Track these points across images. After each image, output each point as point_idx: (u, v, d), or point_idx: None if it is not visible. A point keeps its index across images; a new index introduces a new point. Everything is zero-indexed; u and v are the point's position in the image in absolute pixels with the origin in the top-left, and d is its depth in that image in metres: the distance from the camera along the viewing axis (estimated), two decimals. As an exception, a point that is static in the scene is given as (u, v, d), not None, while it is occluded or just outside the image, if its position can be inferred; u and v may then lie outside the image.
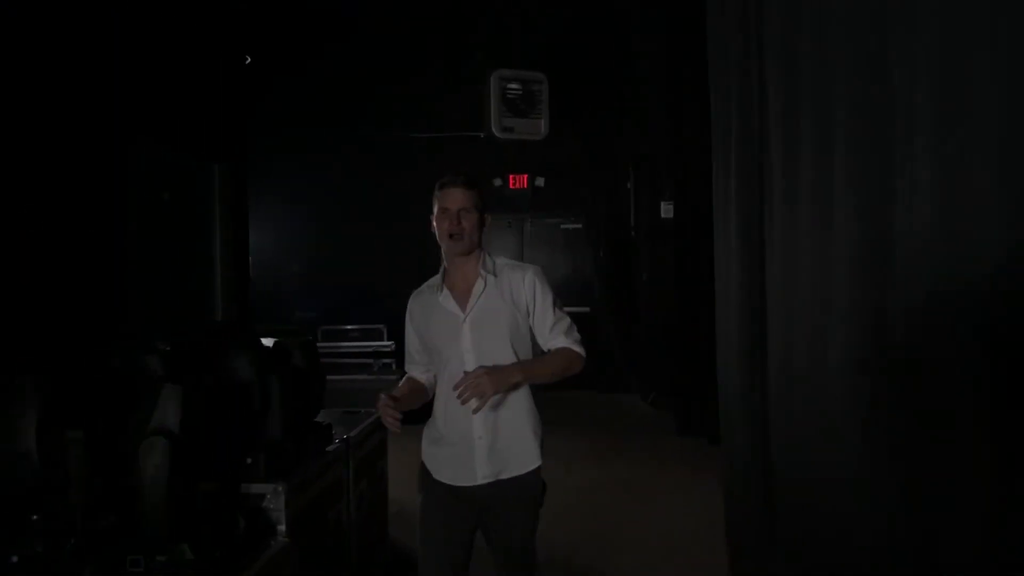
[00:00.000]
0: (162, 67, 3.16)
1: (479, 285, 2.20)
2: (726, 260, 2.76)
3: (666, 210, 6.87)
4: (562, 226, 8.31)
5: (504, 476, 2.18)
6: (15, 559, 1.89)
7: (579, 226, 8.15)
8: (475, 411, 2.04)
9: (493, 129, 7.17)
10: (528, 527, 2.26)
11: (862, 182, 1.81)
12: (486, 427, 2.16)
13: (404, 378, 2.36)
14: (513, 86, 7.20)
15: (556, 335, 2.23)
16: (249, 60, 4.02)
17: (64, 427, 2.01)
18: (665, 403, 6.91)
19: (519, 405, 2.20)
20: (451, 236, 2.15)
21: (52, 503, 1.97)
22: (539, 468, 2.24)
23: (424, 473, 2.27)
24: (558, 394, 7.24)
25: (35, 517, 1.95)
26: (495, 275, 2.23)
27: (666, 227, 6.81)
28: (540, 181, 7.96)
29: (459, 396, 2.00)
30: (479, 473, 2.17)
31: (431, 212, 2.24)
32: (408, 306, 2.32)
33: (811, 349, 2.12)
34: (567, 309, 8.02)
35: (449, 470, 2.21)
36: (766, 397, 2.46)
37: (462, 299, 2.21)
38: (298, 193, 6.73)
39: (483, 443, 2.16)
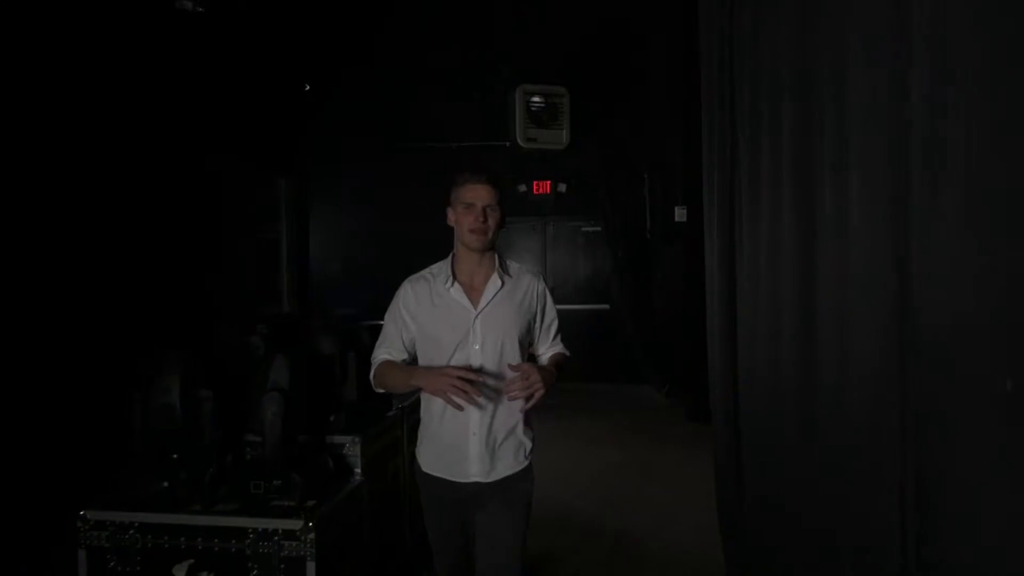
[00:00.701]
0: (245, 99, 3.82)
1: (495, 284, 2.21)
2: (708, 260, 3.36)
3: (679, 214, 7.32)
4: (582, 229, 8.71)
5: (496, 476, 2.18)
6: (165, 484, 2.56)
7: (598, 229, 8.55)
8: (522, 410, 2.11)
9: (518, 139, 7.73)
10: (518, 530, 2.21)
11: (801, 205, 2.38)
12: (482, 424, 2.15)
13: (381, 362, 2.27)
14: (536, 99, 7.76)
15: (556, 342, 2.36)
16: (308, 87, 4.66)
17: (198, 388, 2.68)
18: (678, 393, 7.44)
19: (515, 404, 2.17)
20: (473, 231, 2.15)
21: (190, 444, 2.64)
22: (530, 469, 2.25)
23: (417, 468, 2.29)
24: (581, 386, 7.94)
25: (175, 456, 2.62)
26: (510, 276, 2.26)
27: (679, 230, 7.24)
28: (562, 187, 8.39)
29: (511, 393, 2.03)
30: (472, 470, 2.16)
31: (447, 205, 2.24)
32: (402, 291, 2.27)
33: (768, 341, 2.66)
34: (587, 307, 8.81)
35: (442, 466, 2.21)
36: (736, 381, 3.04)
37: (474, 294, 2.21)
38: (344, 199, 7.26)
39: (477, 439, 2.15)
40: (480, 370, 2.12)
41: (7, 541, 2.19)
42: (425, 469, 2.24)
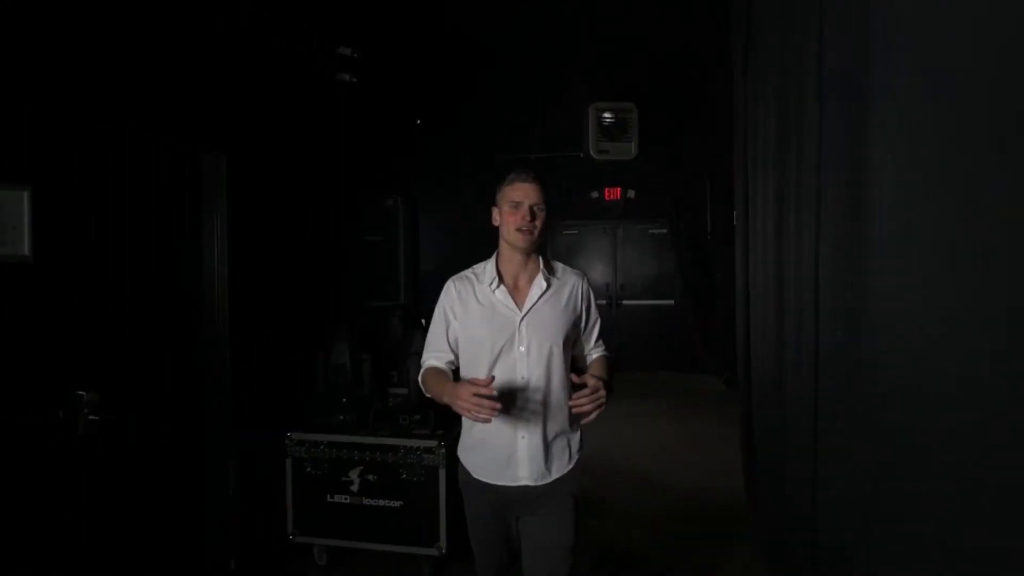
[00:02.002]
0: (377, 140, 5.04)
1: (540, 285, 2.20)
2: (739, 262, 4.37)
3: (737, 218, 8.22)
4: (650, 231, 9.58)
5: (546, 478, 2.17)
6: (341, 417, 3.77)
7: (664, 231, 9.42)
8: (587, 422, 2.10)
9: (591, 151, 8.74)
10: (567, 533, 2.20)
11: (784, 227, 3.35)
12: (531, 427, 2.15)
13: (426, 368, 2.24)
14: (607, 115, 8.75)
15: (599, 345, 2.36)
16: (419, 122, 5.86)
17: (361, 352, 3.89)
18: (736, 382, 8.30)
19: (561, 406, 2.19)
20: (520, 230, 2.14)
21: (356, 391, 3.85)
22: (578, 467, 2.25)
23: (464, 474, 2.29)
24: (649, 375, 8.95)
25: (345, 399, 3.83)
26: (555, 276, 2.26)
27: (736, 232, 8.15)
28: (631, 193, 9.28)
29: (579, 408, 2.01)
30: (521, 473, 2.16)
31: (494, 204, 2.24)
32: (446, 291, 2.26)
33: (769, 328, 3.62)
34: (654, 303, 10.05)
35: (491, 471, 2.20)
36: (749, 367, 4.03)
37: (519, 296, 2.20)
38: (444, 209, 8.01)
39: (526, 443, 2.15)
40: (522, 385, 2.13)
41: (251, 454, 3.43)
42: (475, 475, 2.23)
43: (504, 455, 2.16)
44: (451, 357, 2.24)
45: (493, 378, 2.02)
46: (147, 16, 2.87)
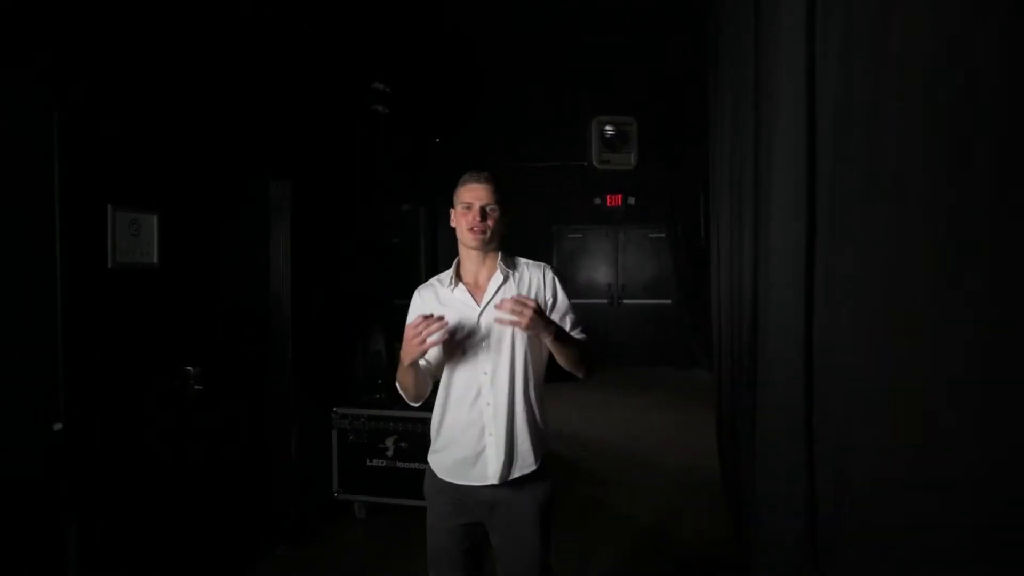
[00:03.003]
0: (406, 160, 5.85)
1: (497, 279, 2.22)
2: (711, 264, 5.16)
3: (710, 223, 8.99)
4: (649, 235, 10.38)
5: (515, 475, 2.17)
6: (377, 396, 4.58)
7: (662, 235, 10.19)
8: (497, 320, 2.03)
9: (593, 161, 9.50)
10: (540, 531, 2.20)
11: (741, 232, 4.13)
12: (497, 423, 2.15)
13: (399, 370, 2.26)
14: (609, 128, 9.51)
15: (576, 333, 2.27)
16: (438, 140, 6.67)
17: (394, 341, 4.70)
18: (727, 375, 9.09)
19: (531, 400, 2.20)
20: (471, 230, 2.17)
21: (389, 374, 4.66)
22: (546, 467, 2.24)
23: (430, 479, 2.27)
24: (646, 370, 9.74)
25: (380, 381, 4.64)
26: (513, 270, 2.26)
27: (728, 237, 8.94)
28: (631, 200, 10.07)
29: (499, 305, 1.99)
30: (490, 471, 2.15)
31: (451, 206, 2.25)
32: (412, 300, 2.31)
33: (730, 325, 4.40)
34: (652, 302, 11.10)
35: (458, 471, 2.19)
36: (720, 353, 4.81)
37: (477, 293, 2.22)
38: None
39: (493, 439, 2.15)
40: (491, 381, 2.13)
41: (306, 424, 4.24)
42: (442, 477, 2.22)
43: (473, 453, 2.17)
44: (423, 363, 2.23)
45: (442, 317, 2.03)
46: (228, 78, 3.68)
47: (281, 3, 4.10)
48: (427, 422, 3.71)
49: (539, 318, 2.00)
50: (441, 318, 2.00)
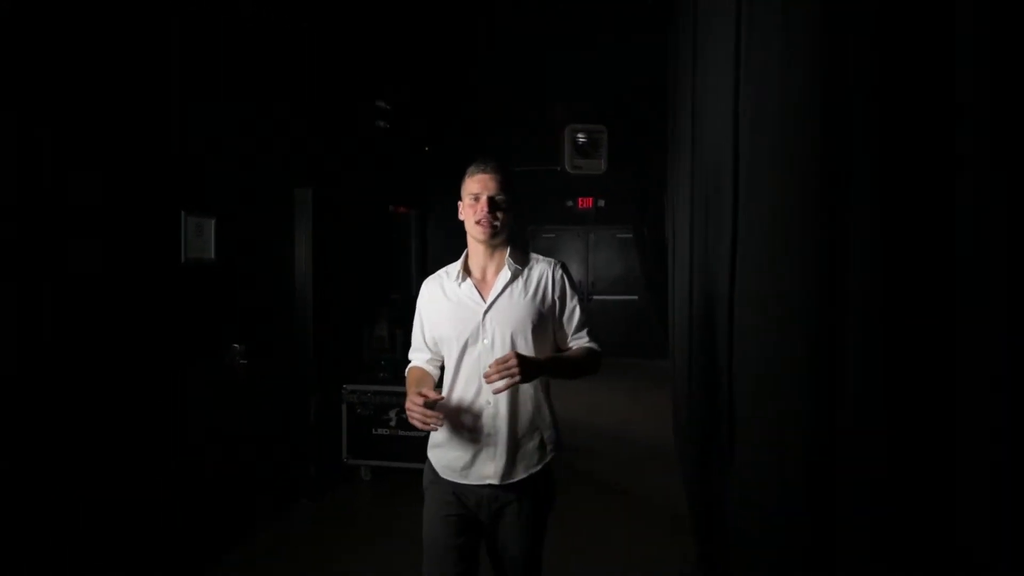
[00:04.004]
0: (401, 167, 6.60)
1: (504, 275, 2.17)
2: (670, 263, 6.00)
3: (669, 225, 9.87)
4: (617, 235, 11.19)
5: (515, 476, 2.13)
6: (382, 375, 5.33)
7: (629, 235, 11.02)
8: (495, 392, 1.99)
9: (566, 167, 10.30)
10: (537, 531, 2.20)
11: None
12: (498, 423, 2.11)
13: (409, 368, 2.31)
14: (581, 136, 10.31)
15: (582, 335, 2.24)
16: (427, 148, 7.43)
17: (396, 327, 5.46)
18: (688, 365, 9.98)
19: (535, 402, 2.17)
20: (479, 222, 2.12)
21: (393, 357, 5.41)
22: (550, 468, 2.21)
23: (429, 474, 2.24)
24: (614, 360, 10.55)
25: (383, 361, 5.39)
26: (522, 266, 2.20)
27: (690, 237, 9.81)
28: (601, 202, 10.90)
29: (487, 375, 1.94)
30: (487, 471, 2.12)
31: (459, 199, 2.22)
32: (421, 292, 2.28)
33: (680, 315, 5.22)
34: (621, 298, 12.11)
35: (457, 469, 2.15)
36: (675, 340, 5.65)
37: (484, 289, 2.18)
38: (446, 216, 9.85)
39: (493, 439, 2.11)
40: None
41: (321, 398, 4.99)
42: (442, 475, 2.18)
43: (471, 452, 2.13)
44: (429, 355, 2.28)
45: (441, 397, 2.07)
46: (264, 98, 4.42)
47: (305, 32, 4.84)
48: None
49: (527, 367, 1.96)
50: (440, 416, 2.00)
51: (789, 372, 1.71)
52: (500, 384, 1.94)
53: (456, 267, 2.25)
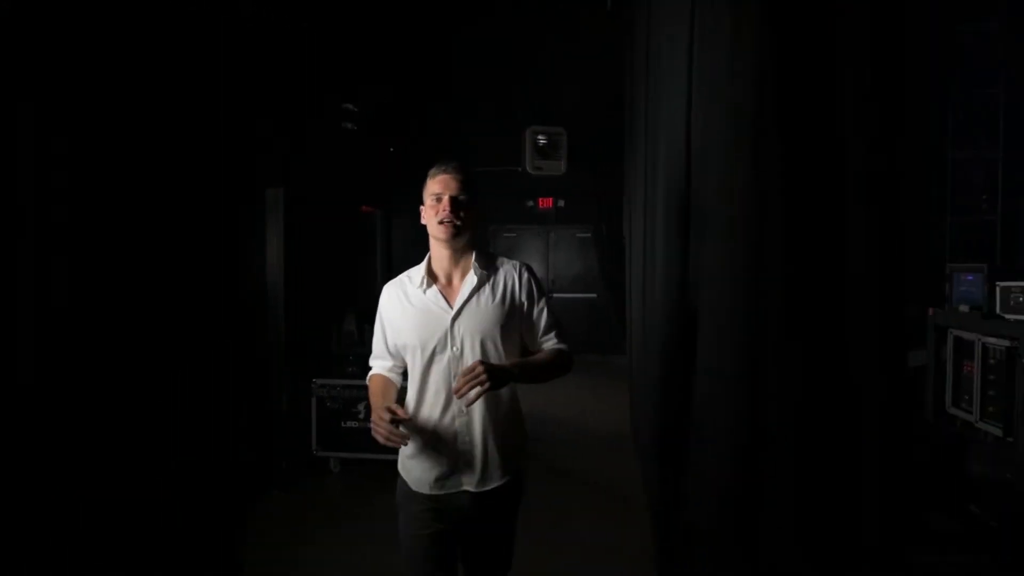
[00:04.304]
0: (368, 169, 6.77)
1: (471, 280, 2.13)
2: (627, 262, 6.29)
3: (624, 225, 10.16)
4: (577, 235, 11.48)
5: (490, 484, 2.13)
6: (350, 369, 5.51)
7: (589, 235, 11.33)
8: (468, 404, 2.00)
9: (527, 167, 10.53)
10: (508, 537, 2.22)
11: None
12: (471, 432, 2.09)
13: (370, 376, 2.28)
14: (541, 137, 10.55)
15: (550, 336, 2.21)
16: (392, 150, 7.61)
17: (364, 323, 5.63)
18: (645, 360, 10.32)
19: (507, 408, 2.16)
20: (441, 223, 2.07)
21: (359, 352, 5.58)
22: (522, 476, 2.21)
23: (403, 487, 2.20)
24: (577, 356, 10.79)
25: (351, 356, 5.57)
26: (488, 270, 2.16)
27: (647, 237, 10.14)
28: (561, 203, 11.18)
29: (456, 389, 1.91)
30: (467, 480, 2.11)
31: (421, 202, 2.17)
32: (381, 298, 2.22)
33: (636, 313, 5.51)
34: (581, 296, 12.48)
35: (431, 482, 2.13)
36: (631, 336, 5.94)
37: (450, 294, 2.13)
38: (410, 215, 10.04)
39: (467, 449, 2.10)
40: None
41: (293, 393, 5.15)
42: (415, 488, 2.16)
43: (446, 463, 2.12)
44: (391, 363, 2.27)
45: (408, 417, 2.04)
46: (238, 101, 4.56)
47: (270, 34, 5.00)
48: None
49: (497, 374, 1.94)
50: (406, 435, 2.00)
51: (724, 370, 1.97)
52: (472, 395, 1.92)
53: (419, 272, 2.19)
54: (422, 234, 2.28)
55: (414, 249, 2.54)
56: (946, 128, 8.78)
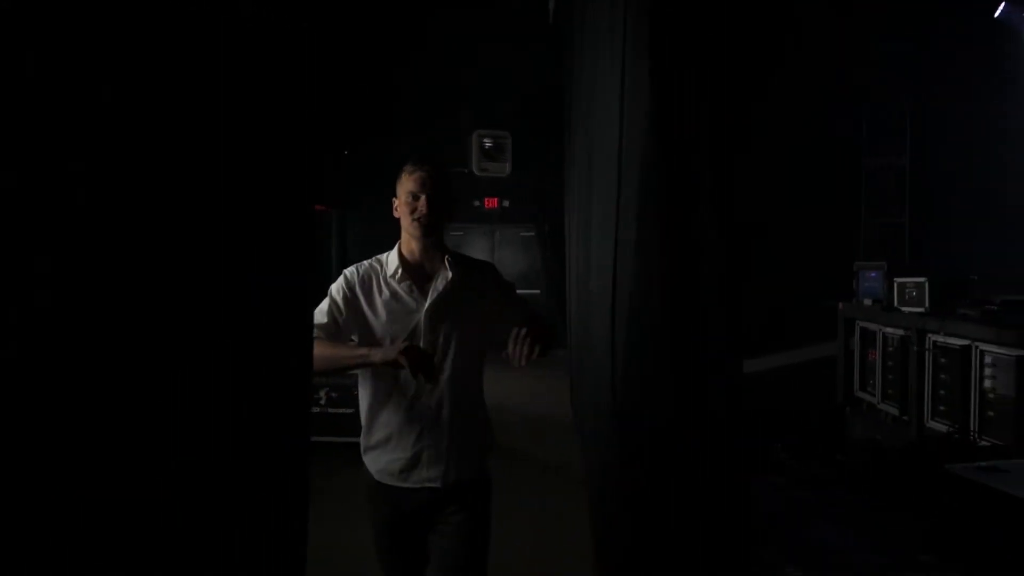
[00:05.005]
0: (317, 164, 7.13)
1: (443, 276, 2.15)
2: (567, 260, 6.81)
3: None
4: (521, 234, 11.78)
5: (451, 479, 2.11)
6: (311, 359, 5.87)
7: (532, 234, 11.68)
8: (520, 365, 1.95)
9: (474, 169, 10.93)
10: (481, 536, 2.18)
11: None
12: (439, 425, 2.11)
13: (321, 341, 2.08)
14: (487, 141, 10.96)
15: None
16: (346, 152, 7.96)
17: (324, 316, 6.00)
18: (585, 353, 10.85)
19: (475, 401, 2.22)
20: (417, 219, 2.09)
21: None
22: (487, 471, 2.24)
23: (367, 478, 2.20)
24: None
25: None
26: (460, 266, 2.19)
27: (587, 236, 10.67)
28: (506, 203, 11.49)
29: (514, 357, 1.92)
30: (427, 474, 2.10)
31: (395, 195, 2.18)
32: (344, 279, 2.19)
33: (581, 306, 5.95)
34: (524, 292, 13.00)
35: (394, 474, 2.12)
36: (571, 330, 6.44)
37: (421, 287, 2.15)
38: (368, 215, 9.96)
39: (433, 442, 2.10)
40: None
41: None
42: (378, 479, 2.15)
43: (409, 455, 2.10)
44: (334, 338, 2.19)
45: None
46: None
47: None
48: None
49: (544, 334, 1.99)
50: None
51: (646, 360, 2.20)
52: (535, 354, 1.94)
53: (392, 262, 2.20)
54: (380, 233, 2.43)
55: (369, 245, 2.59)
56: (860, 138, 9.62)
